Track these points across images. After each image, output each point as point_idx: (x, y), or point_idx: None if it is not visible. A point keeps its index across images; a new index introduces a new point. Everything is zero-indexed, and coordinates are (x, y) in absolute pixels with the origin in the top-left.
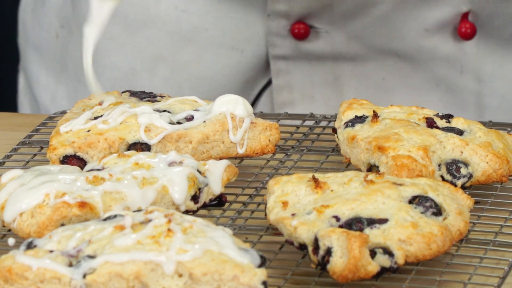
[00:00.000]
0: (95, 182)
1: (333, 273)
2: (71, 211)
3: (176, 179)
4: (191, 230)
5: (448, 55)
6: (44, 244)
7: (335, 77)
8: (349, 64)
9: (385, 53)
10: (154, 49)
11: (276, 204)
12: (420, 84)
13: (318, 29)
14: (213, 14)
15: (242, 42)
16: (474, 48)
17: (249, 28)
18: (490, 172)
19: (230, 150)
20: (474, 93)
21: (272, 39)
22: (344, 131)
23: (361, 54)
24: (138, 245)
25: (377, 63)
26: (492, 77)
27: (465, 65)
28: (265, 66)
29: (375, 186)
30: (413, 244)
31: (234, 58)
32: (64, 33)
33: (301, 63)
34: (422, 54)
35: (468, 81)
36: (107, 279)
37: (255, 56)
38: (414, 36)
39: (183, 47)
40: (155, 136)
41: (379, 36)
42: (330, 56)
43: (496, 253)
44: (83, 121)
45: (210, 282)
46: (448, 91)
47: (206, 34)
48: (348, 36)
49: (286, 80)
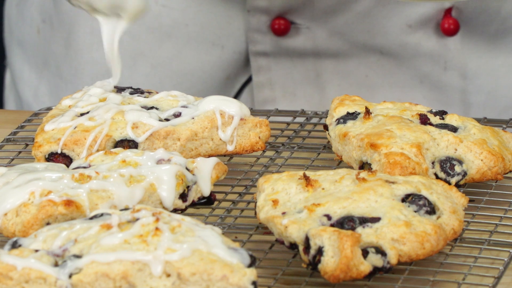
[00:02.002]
0: (81, 180)
1: (325, 273)
2: (57, 209)
3: (164, 177)
4: (179, 229)
5: (431, 51)
6: (29, 243)
7: (317, 74)
8: (331, 61)
9: (367, 49)
10: (135, 45)
11: (266, 202)
12: (404, 81)
13: (299, 25)
14: (193, 9)
15: (222, 38)
16: (458, 44)
17: (229, 24)
18: (485, 170)
19: (219, 148)
20: (459, 90)
21: (252, 35)
22: (336, 128)
23: (343, 50)
24: (125, 244)
25: (359, 60)
26: (477, 74)
27: (449, 61)
28: (245, 63)
29: (367, 184)
30: (406, 243)
31: (214, 54)
32: (46, 28)
33: (282, 59)
34: (405, 50)
35: (452, 77)
36: (93, 279)
37: (235, 52)
38: (397, 32)
39: (164, 42)
40: (143, 133)
41: (361, 32)
42: (312, 53)
43: (491, 252)
44: (69, 118)
45: (198, 282)
46: (433, 88)
47: (186, 30)
48: (330, 32)
49: (267, 77)
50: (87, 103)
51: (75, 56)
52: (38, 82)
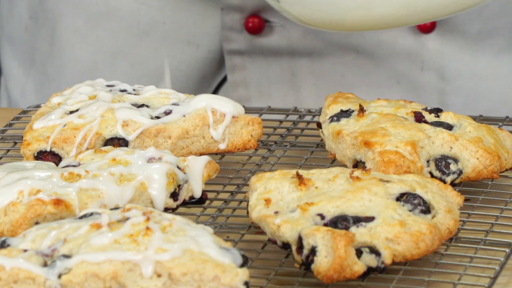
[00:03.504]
0: (71, 178)
1: (318, 273)
2: (46, 208)
3: (155, 175)
4: (170, 228)
5: (408, 50)
6: (18, 243)
7: (292, 74)
8: (306, 60)
9: (343, 48)
10: (114, 43)
11: (259, 201)
12: (381, 81)
13: (273, 23)
14: (171, 7)
15: (197, 37)
16: (436, 43)
17: (204, 22)
18: (481, 169)
19: (210, 146)
20: (436, 91)
21: (227, 33)
22: (329, 125)
23: (319, 49)
24: (115, 244)
25: (335, 59)
26: (456, 75)
27: (426, 61)
28: (221, 62)
29: (361, 183)
30: (401, 243)
31: (189, 53)
32: (33, 25)
33: (257, 58)
34: (381, 49)
35: (430, 78)
36: (83, 280)
37: (210, 51)
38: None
39: (141, 40)
40: (133, 131)
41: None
42: (287, 52)
43: (487, 252)
44: (58, 116)
45: (190, 283)
46: (410, 89)
47: (163, 28)
48: (305, 31)
49: (242, 76)
50: (76, 100)
51: (59, 54)
52: (25, 79)
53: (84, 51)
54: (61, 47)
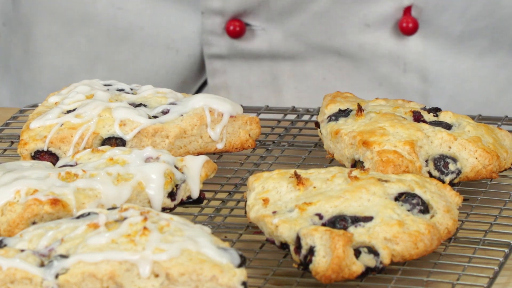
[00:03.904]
0: (68, 178)
1: (316, 273)
2: (43, 208)
3: (152, 175)
4: (167, 228)
5: (390, 52)
6: (14, 243)
7: (273, 77)
8: (287, 63)
9: (325, 51)
10: (92, 48)
11: (257, 201)
12: (363, 83)
13: (254, 26)
14: (148, 11)
15: (177, 41)
16: (419, 45)
17: (183, 27)
18: (480, 168)
19: (208, 145)
20: (419, 93)
21: (207, 37)
22: (327, 125)
23: (300, 52)
24: (113, 244)
25: (317, 62)
26: (439, 76)
27: (408, 63)
28: (201, 66)
29: (359, 182)
30: (399, 243)
31: (169, 58)
32: (6, 31)
33: (237, 62)
34: (363, 51)
35: (412, 80)
36: (80, 280)
37: (190, 55)
38: (355, 32)
39: (120, 46)
40: (131, 131)
41: (319, 33)
42: (268, 55)
43: (486, 252)
44: (55, 116)
45: (187, 283)
46: (392, 91)
47: (141, 33)
48: (286, 34)
49: (222, 80)
50: (73, 100)
51: (34, 60)
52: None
53: (61, 57)
54: (36, 54)
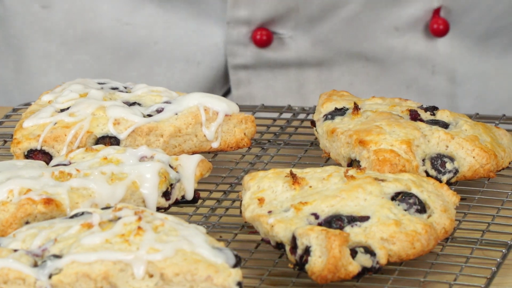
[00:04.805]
0: (62, 177)
1: (312, 273)
2: (36, 208)
3: (147, 174)
4: (162, 228)
5: (419, 54)
6: (8, 243)
7: (299, 85)
8: (314, 70)
9: (352, 56)
10: (98, 66)
11: (252, 200)
12: (390, 86)
13: (281, 34)
14: (161, 25)
15: (197, 54)
16: (447, 46)
17: (204, 38)
18: (477, 167)
19: (203, 144)
20: (446, 94)
21: (232, 48)
22: (323, 124)
23: (327, 58)
24: (107, 244)
25: (344, 68)
26: (466, 77)
27: (437, 65)
28: (224, 77)
29: (356, 182)
30: (396, 243)
31: (189, 71)
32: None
33: (262, 71)
34: (392, 54)
35: (440, 82)
36: (73, 280)
37: (213, 67)
38: (384, 36)
39: (131, 62)
40: (125, 130)
41: (347, 38)
42: (294, 63)
43: (483, 252)
44: (49, 114)
45: (182, 283)
46: (420, 93)
47: (155, 47)
48: (314, 41)
49: (247, 90)
50: (67, 98)
51: (28, 80)
52: None
53: (59, 76)
54: (30, 74)
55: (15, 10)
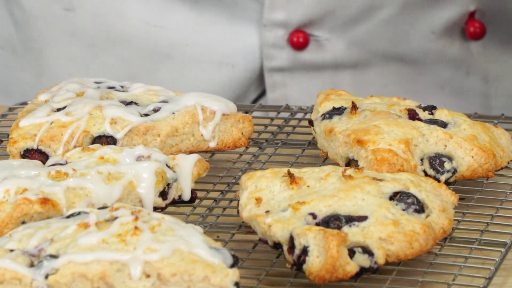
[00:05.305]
0: (58, 177)
1: (310, 273)
2: (33, 208)
3: (144, 174)
4: (159, 228)
5: (455, 57)
6: (4, 243)
7: (334, 87)
8: (348, 72)
9: (388, 58)
10: (126, 69)
11: (249, 200)
12: (424, 88)
13: (318, 37)
14: (191, 28)
15: (231, 57)
16: (481, 47)
17: (239, 41)
18: (476, 167)
19: (200, 144)
20: (480, 94)
21: (268, 50)
22: (321, 123)
23: (362, 60)
24: (103, 244)
25: (378, 69)
26: (498, 76)
27: (471, 66)
28: (258, 80)
29: (354, 181)
30: (394, 243)
31: (223, 74)
32: (4, 55)
33: (298, 74)
34: (428, 57)
35: (474, 82)
36: (70, 280)
37: (247, 70)
38: (420, 39)
39: (160, 64)
40: (122, 129)
41: (383, 40)
42: (330, 65)
43: (482, 252)
44: (45, 114)
45: (179, 283)
46: (453, 94)
47: (187, 50)
48: (350, 43)
49: (282, 93)
50: (63, 97)
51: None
52: None
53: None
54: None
55: (35, 13)
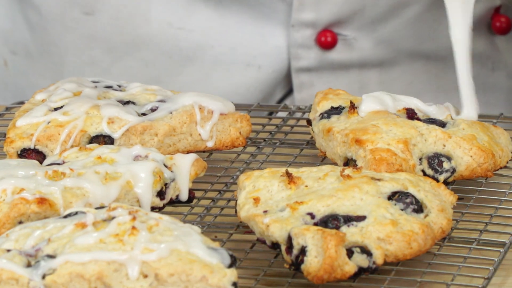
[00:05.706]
0: (55, 177)
1: (308, 273)
2: (30, 207)
3: (141, 174)
4: (156, 228)
5: (480, 52)
6: (1, 243)
7: (360, 85)
8: (375, 71)
9: (414, 55)
10: (149, 72)
11: (247, 200)
12: (449, 85)
13: (345, 36)
14: (216, 29)
15: (258, 58)
16: (506, 42)
17: (265, 42)
18: (475, 167)
19: (198, 143)
20: (505, 90)
21: (296, 51)
22: (319, 123)
23: (389, 58)
24: (101, 244)
25: (404, 67)
26: None
27: (497, 62)
28: (285, 80)
29: (352, 181)
30: (393, 243)
31: (249, 75)
32: (18, 60)
33: (324, 74)
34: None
35: (499, 78)
36: (67, 280)
37: (275, 71)
38: (447, 35)
39: (185, 67)
40: (119, 129)
41: (410, 38)
42: (357, 64)
43: (481, 252)
44: (42, 113)
45: (177, 283)
46: (478, 90)
47: (212, 52)
48: (376, 41)
49: (310, 92)
50: (61, 97)
51: None
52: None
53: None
54: None
55: (53, 17)
